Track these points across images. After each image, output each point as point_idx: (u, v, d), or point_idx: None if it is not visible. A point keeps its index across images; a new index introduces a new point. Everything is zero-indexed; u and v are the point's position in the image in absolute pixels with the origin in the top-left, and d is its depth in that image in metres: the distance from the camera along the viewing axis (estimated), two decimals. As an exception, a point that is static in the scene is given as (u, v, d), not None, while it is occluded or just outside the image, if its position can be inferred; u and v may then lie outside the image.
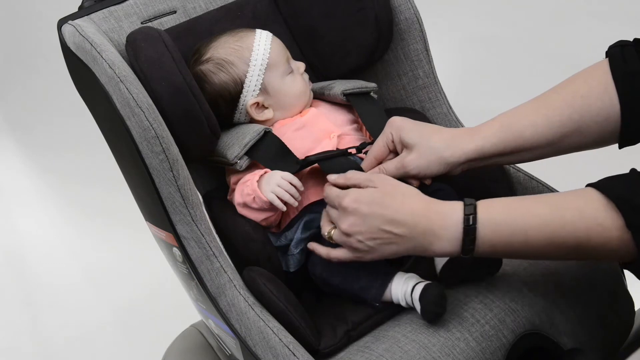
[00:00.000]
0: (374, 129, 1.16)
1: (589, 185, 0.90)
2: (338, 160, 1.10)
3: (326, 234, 1.02)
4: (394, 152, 1.07)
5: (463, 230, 0.92)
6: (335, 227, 1.00)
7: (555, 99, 0.99)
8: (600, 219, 0.86)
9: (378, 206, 0.96)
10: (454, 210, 0.93)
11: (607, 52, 0.99)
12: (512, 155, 1.01)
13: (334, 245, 1.01)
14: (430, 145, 1.02)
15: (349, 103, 1.21)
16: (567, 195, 0.90)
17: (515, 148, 1.00)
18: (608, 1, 2.22)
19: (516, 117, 1.00)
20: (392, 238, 0.95)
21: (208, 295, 1.06)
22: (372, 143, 1.13)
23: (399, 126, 1.05)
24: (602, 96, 0.95)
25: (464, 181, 1.09)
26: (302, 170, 1.12)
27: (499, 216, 0.91)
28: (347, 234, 0.98)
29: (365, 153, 1.12)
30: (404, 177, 1.03)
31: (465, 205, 0.92)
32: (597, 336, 1.06)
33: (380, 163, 1.08)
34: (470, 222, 0.91)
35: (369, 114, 1.19)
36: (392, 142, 1.06)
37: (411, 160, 1.02)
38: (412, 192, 0.98)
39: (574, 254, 0.90)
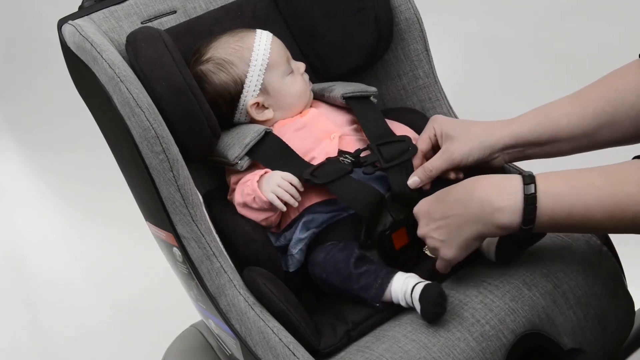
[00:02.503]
0: (372, 134, 1.16)
1: (636, 157, 0.91)
2: (348, 184, 1.10)
3: (426, 252, 1.05)
4: (435, 148, 1.12)
5: (523, 199, 0.91)
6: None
7: (590, 92, 1.02)
8: None
9: (435, 199, 1.01)
10: (510, 180, 0.93)
11: None
12: (548, 146, 1.04)
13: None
14: (470, 132, 1.07)
15: (349, 106, 1.21)
16: (623, 168, 0.90)
17: (550, 137, 1.03)
18: (608, 1, 2.22)
19: (551, 107, 1.04)
20: (456, 217, 0.96)
21: (208, 295, 1.06)
22: (367, 149, 1.14)
23: (441, 121, 1.12)
24: (635, 91, 0.98)
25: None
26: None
27: (558, 187, 0.91)
28: (423, 238, 1.02)
29: (362, 161, 1.12)
30: (449, 167, 1.09)
31: (523, 176, 0.93)
32: (597, 336, 1.06)
33: (424, 155, 1.13)
34: (532, 191, 0.91)
35: (368, 118, 1.19)
36: (435, 135, 1.12)
37: (456, 148, 1.07)
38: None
39: (632, 227, 0.90)
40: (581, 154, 1.06)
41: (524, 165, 1.19)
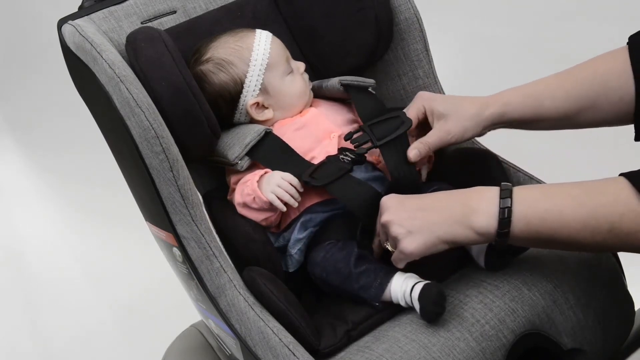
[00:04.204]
0: (366, 115, 1.16)
1: (621, 174, 0.91)
2: (347, 183, 1.09)
3: (386, 246, 1.04)
4: (422, 124, 1.13)
5: (500, 202, 0.92)
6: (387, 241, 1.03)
7: (575, 75, 1.04)
8: (633, 205, 0.87)
9: (410, 196, 1.02)
10: (488, 189, 0.96)
11: (628, 41, 1.02)
12: (531, 124, 1.07)
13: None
14: (464, 111, 1.08)
15: (347, 97, 1.20)
16: (601, 182, 0.91)
17: (533, 117, 1.06)
18: (608, 1, 2.22)
19: (537, 87, 1.07)
20: (434, 212, 0.96)
21: (208, 295, 1.06)
22: (358, 132, 1.13)
23: (429, 98, 1.12)
24: (618, 78, 1.00)
25: (463, 180, 1.09)
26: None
27: (534, 194, 0.93)
28: (386, 225, 1.00)
29: (354, 143, 1.12)
30: (444, 146, 1.09)
31: (501, 185, 0.95)
32: (597, 336, 1.06)
33: (410, 133, 1.13)
34: (508, 195, 0.93)
35: (364, 101, 1.18)
36: (424, 113, 1.12)
37: (452, 128, 1.08)
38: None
39: (609, 240, 0.90)
40: (575, 161, 1.07)
41: (520, 160, 1.20)
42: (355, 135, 1.13)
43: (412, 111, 1.12)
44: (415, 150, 1.09)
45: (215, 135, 1.13)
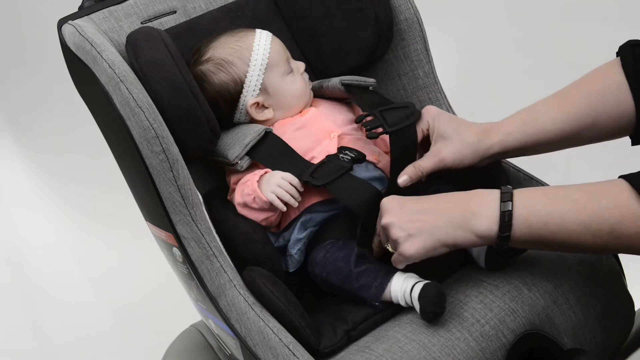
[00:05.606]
0: (370, 105, 1.15)
1: (621, 176, 0.91)
2: (347, 182, 1.09)
3: (386, 247, 1.03)
4: (425, 140, 1.12)
5: (500, 206, 0.92)
6: (387, 243, 1.03)
7: (573, 96, 1.04)
8: (634, 207, 0.87)
9: (411, 198, 1.01)
10: (489, 192, 0.95)
11: (618, 52, 1.02)
12: (533, 149, 1.06)
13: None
14: (465, 139, 1.06)
15: (347, 96, 1.20)
16: (601, 184, 0.91)
17: (535, 142, 1.05)
18: (608, 1, 2.22)
19: (537, 113, 1.05)
20: (435, 216, 0.96)
21: (208, 295, 1.06)
22: (369, 115, 1.13)
23: (434, 115, 1.11)
24: (616, 94, 1.00)
25: (463, 180, 1.09)
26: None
27: (535, 198, 0.93)
28: (387, 228, 0.99)
29: (366, 126, 1.11)
30: (438, 169, 1.08)
31: (502, 188, 0.94)
32: (597, 336, 1.06)
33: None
34: (508, 199, 0.92)
35: (366, 97, 1.18)
36: (427, 129, 1.11)
37: (449, 154, 1.07)
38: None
39: (610, 243, 0.90)
40: (575, 161, 1.07)
41: (519, 160, 1.19)
42: (367, 119, 1.12)
43: (419, 126, 1.12)
44: (405, 176, 1.07)
45: (215, 135, 1.13)
